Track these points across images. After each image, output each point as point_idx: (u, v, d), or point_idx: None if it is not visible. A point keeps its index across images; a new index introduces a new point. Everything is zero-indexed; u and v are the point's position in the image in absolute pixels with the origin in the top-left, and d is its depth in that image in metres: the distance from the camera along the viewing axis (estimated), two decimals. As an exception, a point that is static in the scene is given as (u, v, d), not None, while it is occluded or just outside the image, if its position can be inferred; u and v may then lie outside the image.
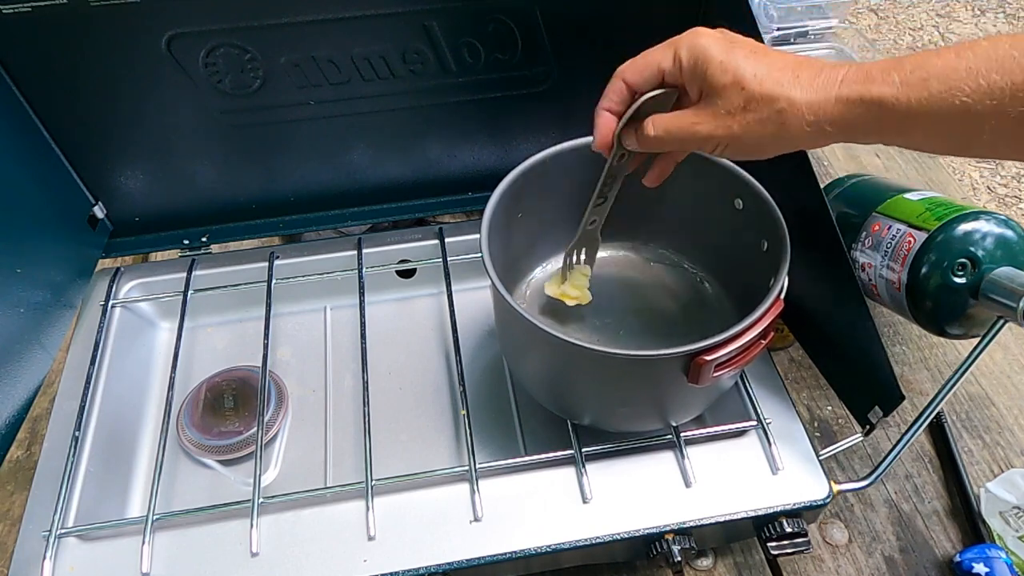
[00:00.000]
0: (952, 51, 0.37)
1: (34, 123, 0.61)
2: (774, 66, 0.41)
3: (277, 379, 0.66)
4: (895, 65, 0.38)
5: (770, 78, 0.40)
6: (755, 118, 0.41)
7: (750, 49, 0.42)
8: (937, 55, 0.37)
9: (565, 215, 0.63)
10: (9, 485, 0.64)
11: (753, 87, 0.41)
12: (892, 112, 0.38)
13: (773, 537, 0.52)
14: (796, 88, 0.40)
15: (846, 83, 0.39)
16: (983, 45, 0.36)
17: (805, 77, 0.40)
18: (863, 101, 0.38)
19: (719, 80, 0.42)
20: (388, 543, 0.51)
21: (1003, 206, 1.84)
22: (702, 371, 0.46)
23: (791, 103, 0.40)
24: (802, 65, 0.41)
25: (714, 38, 0.43)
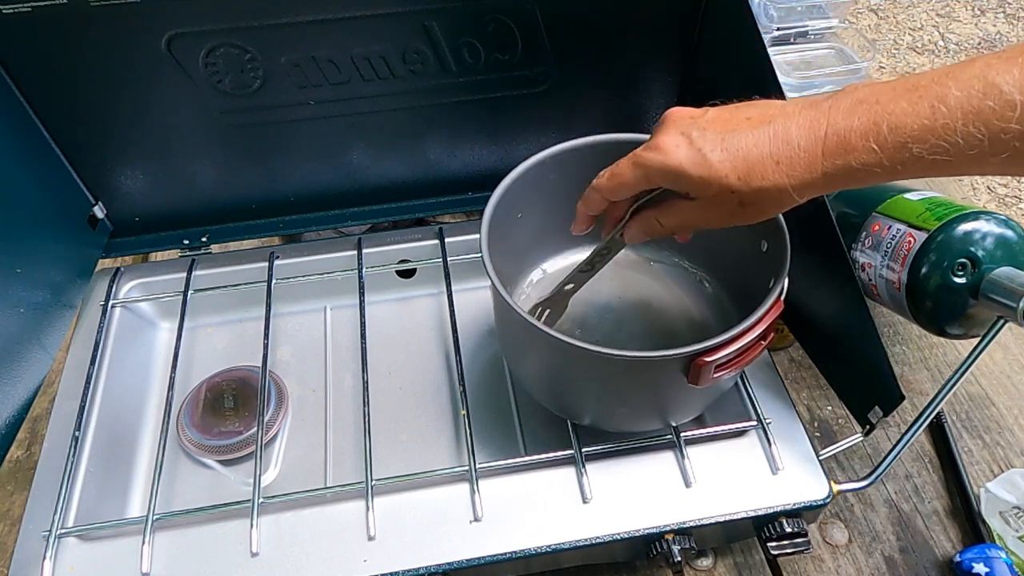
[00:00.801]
0: (927, 103, 0.36)
1: (34, 123, 0.61)
2: (751, 155, 0.40)
3: (277, 379, 0.66)
4: (871, 128, 0.37)
5: (754, 174, 0.40)
6: (754, 209, 0.42)
7: (718, 137, 0.41)
8: (912, 109, 0.36)
9: (565, 215, 0.63)
10: (9, 485, 0.64)
11: (742, 189, 0.41)
12: (878, 174, 0.38)
13: (773, 537, 0.52)
14: (781, 175, 0.40)
15: (828, 158, 0.38)
16: (953, 94, 0.35)
17: (784, 161, 0.39)
18: (849, 171, 0.38)
19: (706, 193, 0.42)
20: (388, 543, 0.51)
21: (1003, 206, 1.84)
22: (702, 372, 0.46)
23: (781, 190, 0.40)
24: (777, 141, 0.40)
25: (680, 150, 0.42)
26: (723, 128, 0.41)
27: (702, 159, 0.41)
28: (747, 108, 0.42)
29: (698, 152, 0.41)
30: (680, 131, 0.42)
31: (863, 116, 0.37)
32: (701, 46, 0.67)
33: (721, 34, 0.64)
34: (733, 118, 0.41)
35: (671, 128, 0.43)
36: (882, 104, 0.37)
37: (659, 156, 0.42)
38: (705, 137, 0.41)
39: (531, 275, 0.66)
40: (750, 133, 0.40)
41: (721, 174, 0.41)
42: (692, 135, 0.42)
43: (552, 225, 0.63)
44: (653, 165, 0.43)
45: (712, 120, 0.42)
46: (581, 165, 0.59)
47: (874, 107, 0.37)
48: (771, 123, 0.40)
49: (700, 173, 0.41)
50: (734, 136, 0.41)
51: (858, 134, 0.37)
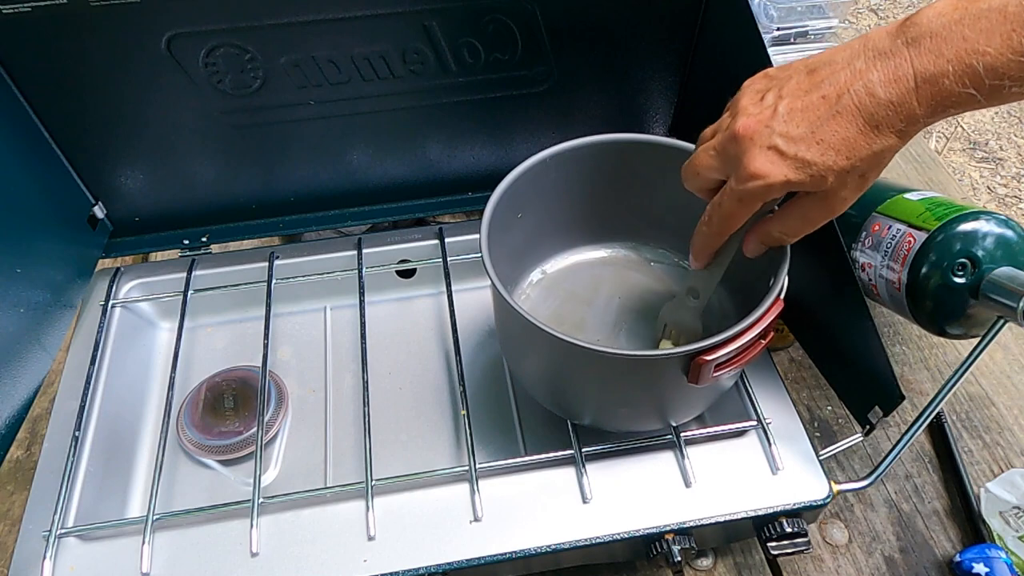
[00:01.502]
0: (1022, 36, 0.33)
1: (34, 123, 0.61)
2: (848, 135, 0.38)
3: (277, 379, 0.66)
4: (966, 70, 0.34)
5: (859, 147, 0.38)
6: (875, 172, 0.40)
7: (807, 133, 0.39)
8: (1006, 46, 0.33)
9: (565, 215, 0.63)
10: (9, 485, 0.64)
11: (857, 165, 0.39)
12: (978, 106, 0.36)
13: (773, 537, 0.52)
14: (884, 136, 0.38)
15: (924, 105, 0.36)
16: None
17: (883, 122, 0.37)
18: (947, 112, 0.36)
19: (824, 185, 0.40)
20: (388, 543, 0.51)
21: (1003, 206, 1.84)
22: (702, 371, 0.46)
23: (889, 147, 0.38)
24: (865, 108, 0.37)
25: (777, 167, 0.40)
26: (805, 121, 0.39)
27: (804, 164, 0.39)
28: (814, 84, 0.39)
29: (795, 159, 0.39)
30: (766, 146, 0.40)
31: (953, 57, 0.34)
32: (701, 46, 0.67)
33: (721, 34, 0.64)
34: (808, 104, 0.39)
35: (753, 148, 0.41)
36: (970, 42, 0.34)
37: (762, 183, 0.41)
38: (794, 141, 0.39)
39: (531, 275, 0.66)
40: (835, 113, 0.38)
41: (829, 165, 0.39)
42: (779, 145, 0.40)
43: (552, 225, 0.63)
44: (760, 193, 0.41)
45: (788, 118, 0.40)
46: (581, 165, 0.59)
47: (962, 45, 0.34)
48: (849, 91, 0.37)
49: (809, 174, 0.39)
50: (822, 125, 0.38)
51: (952, 78, 0.35)
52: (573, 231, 0.66)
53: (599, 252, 0.68)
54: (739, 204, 0.43)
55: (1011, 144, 2.00)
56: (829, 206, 0.42)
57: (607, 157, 0.59)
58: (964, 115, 2.05)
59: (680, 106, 0.73)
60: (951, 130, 2.02)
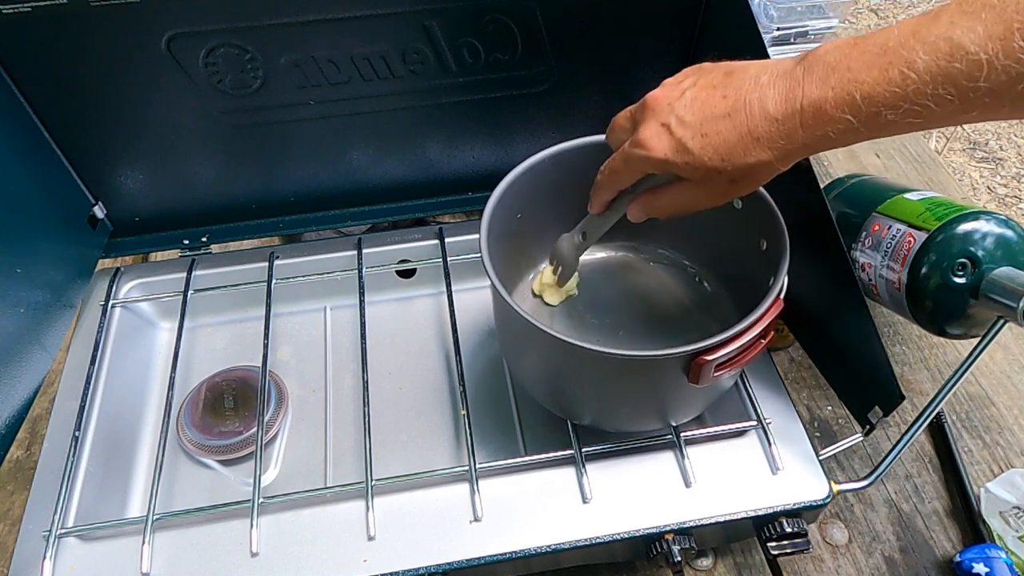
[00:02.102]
0: (896, 70, 0.35)
1: (34, 123, 0.61)
2: (730, 137, 0.41)
3: (277, 379, 0.66)
4: (845, 99, 0.37)
5: (735, 153, 0.41)
6: (744, 183, 0.44)
7: (697, 123, 0.42)
8: (883, 77, 0.36)
9: (565, 215, 0.63)
10: (9, 485, 0.64)
11: (727, 168, 0.42)
12: (854, 138, 0.39)
13: (773, 537, 0.52)
14: (763, 150, 0.40)
15: (806, 129, 0.39)
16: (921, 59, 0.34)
17: (764, 136, 0.40)
18: (827, 138, 0.39)
19: (695, 176, 0.44)
20: (388, 543, 0.51)
21: (1003, 206, 1.84)
22: (702, 371, 0.46)
23: (764, 164, 0.41)
24: (755, 118, 0.40)
25: (661, 142, 0.43)
26: (700, 112, 0.42)
27: (683, 148, 0.42)
28: (723, 84, 0.42)
29: (678, 142, 0.43)
30: (660, 121, 0.44)
31: (836, 86, 0.37)
32: (701, 46, 0.67)
33: (721, 34, 0.64)
34: (710, 99, 0.42)
35: (650, 119, 0.44)
36: (853, 72, 0.37)
37: (643, 151, 0.44)
38: (684, 126, 0.42)
39: (531, 275, 0.66)
40: (727, 114, 0.41)
41: (704, 159, 0.42)
42: (671, 125, 0.43)
43: (552, 225, 0.63)
44: (639, 160, 0.45)
45: (689, 104, 0.43)
46: (581, 165, 0.59)
47: (845, 75, 0.37)
48: (746, 100, 0.40)
49: (684, 160, 0.43)
50: (712, 121, 0.41)
51: (833, 105, 0.37)
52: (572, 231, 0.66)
53: (599, 252, 0.68)
54: (624, 165, 0.47)
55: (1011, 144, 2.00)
56: (697, 198, 0.46)
57: (607, 157, 0.59)
58: (964, 115, 2.05)
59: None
60: (951, 130, 2.02)
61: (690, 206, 0.47)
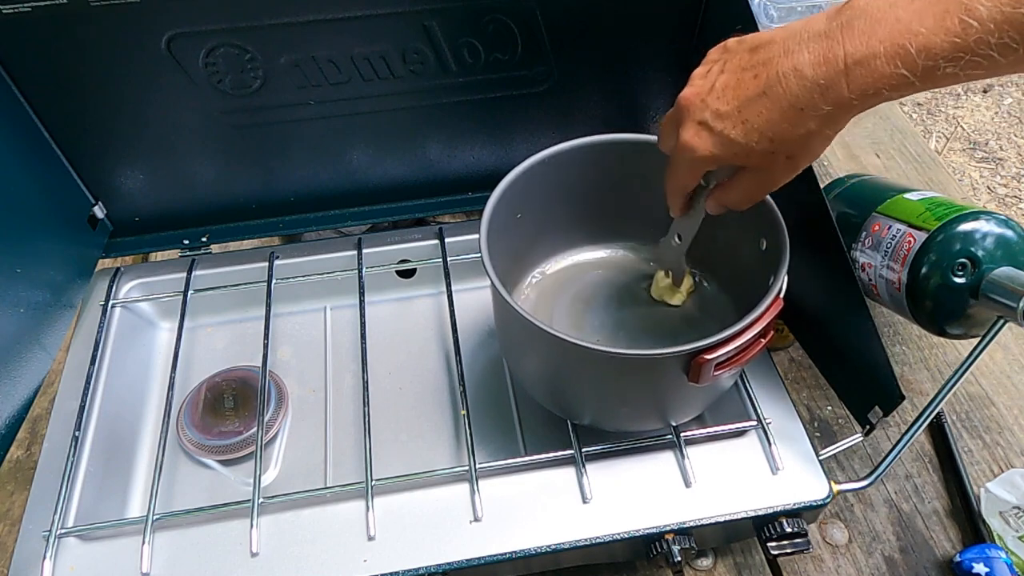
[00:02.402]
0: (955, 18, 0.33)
1: (34, 123, 0.61)
2: (772, 116, 0.39)
3: (277, 379, 0.66)
4: (897, 51, 0.34)
5: (782, 130, 0.39)
6: (802, 155, 0.41)
7: (734, 111, 0.40)
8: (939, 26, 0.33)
9: (565, 215, 0.63)
10: (9, 485, 0.64)
11: (779, 147, 0.40)
12: (907, 92, 0.36)
13: (773, 537, 0.52)
14: (809, 120, 0.38)
15: (854, 89, 0.36)
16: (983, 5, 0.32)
17: (808, 105, 0.37)
18: (878, 95, 0.36)
19: (749, 162, 0.43)
20: (388, 543, 0.51)
21: (1003, 206, 1.84)
22: (702, 370, 0.46)
23: (813, 132, 0.39)
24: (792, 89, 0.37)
25: (703, 141, 0.42)
26: (734, 99, 0.40)
27: (727, 140, 0.41)
28: (751, 63, 0.40)
29: (720, 136, 0.42)
30: (697, 120, 0.43)
31: (885, 39, 0.34)
32: (701, 46, 0.67)
33: (721, 34, 0.63)
34: (741, 82, 0.40)
35: (687, 119, 0.43)
36: (904, 23, 0.34)
37: (689, 155, 0.44)
38: (721, 118, 0.41)
39: (531, 275, 0.66)
40: (763, 93, 0.39)
41: (751, 144, 0.40)
42: (708, 121, 0.42)
43: (552, 225, 0.63)
44: (689, 164, 0.44)
45: (722, 94, 0.41)
46: (581, 165, 0.59)
47: (895, 27, 0.34)
48: (779, 72, 0.38)
49: (732, 151, 0.42)
50: (749, 105, 0.40)
51: (884, 59, 0.34)
52: (572, 231, 0.66)
53: (599, 252, 0.68)
54: (680, 169, 0.46)
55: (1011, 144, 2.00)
56: (763, 182, 0.44)
57: (607, 157, 0.59)
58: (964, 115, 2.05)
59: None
60: (951, 130, 2.02)
61: (761, 191, 0.46)
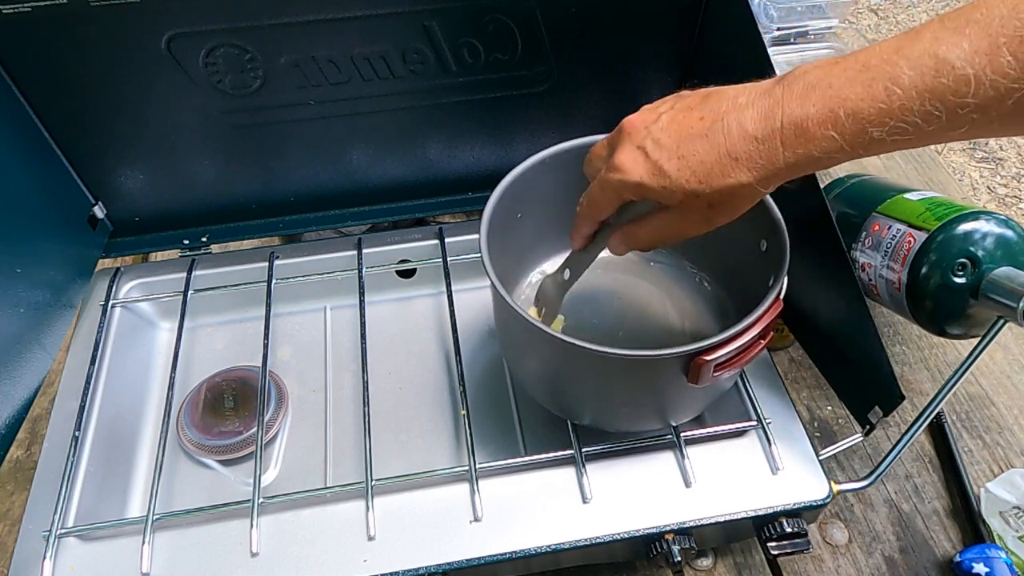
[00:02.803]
0: (880, 85, 0.35)
1: (34, 123, 0.61)
2: (708, 158, 0.40)
3: (277, 379, 0.66)
4: (828, 115, 0.36)
5: (713, 175, 0.40)
6: (724, 208, 0.42)
7: (673, 145, 0.41)
8: (867, 93, 0.35)
9: (565, 215, 0.63)
10: (9, 485, 0.64)
11: (705, 191, 0.41)
12: (839, 158, 0.38)
13: (773, 537, 0.52)
14: (742, 171, 0.39)
15: (788, 148, 0.38)
16: (907, 75, 0.34)
17: (743, 156, 0.39)
18: (811, 158, 0.38)
19: (672, 201, 0.42)
20: (388, 543, 0.51)
21: (1003, 206, 1.84)
22: (702, 371, 0.46)
23: (744, 186, 0.40)
24: (732, 137, 0.39)
25: (637, 166, 0.42)
26: (677, 134, 0.41)
27: (659, 171, 0.41)
28: (700, 106, 0.41)
29: (654, 164, 0.42)
30: (636, 145, 0.43)
31: (818, 102, 0.36)
32: (701, 46, 0.67)
33: (721, 34, 0.64)
34: (686, 121, 0.41)
35: (626, 143, 0.44)
36: (835, 89, 0.36)
37: (619, 176, 0.43)
38: (660, 148, 0.42)
39: (531, 275, 0.66)
40: (704, 135, 0.40)
41: (681, 181, 0.41)
42: (647, 147, 0.42)
43: (552, 225, 0.63)
44: (616, 185, 0.44)
45: (665, 127, 0.42)
46: (581, 165, 0.59)
47: (827, 92, 0.36)
48: (723, 120, 0.39)
49: (661, 184, 0.42)
50: (688, 142, 0.41)
51: (815, 122, 0.36)
52: (573, 231, 0.66)
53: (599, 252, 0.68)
54: (602, 192, 0.46)
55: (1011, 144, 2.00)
56: (679, 225, 0.44)
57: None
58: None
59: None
60: (951, 130, 2.02)
61: (671, 235, 0.46)
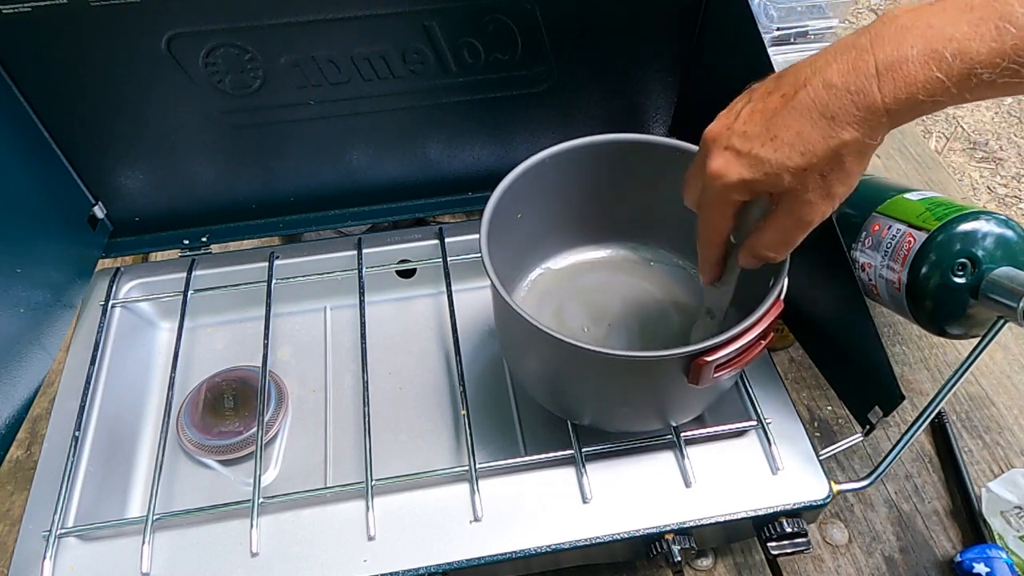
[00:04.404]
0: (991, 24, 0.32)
1: (34, 123, 0.61)
2: (803, 128, 0.37)
3: (277, 379, 0.66)
4: (931, 55, 0.33)
5: (814, 141, 0.37)
6: (839, 177, 0.39)
7: (762, 130, 0.38)
8: (974, 32, 0.32)
9: (565, 215, 0.63)
10: (9, 485, 0.64)
11: (811, 161, 0.37)
12: (945, 102, 0.35)
13: (773, 537, 0.52)
14: (841, 129, 0.36)
15: (887, 94, 0.35)
16: (1020, 11, 0.32)
17: (840, 114, 0.36)
18: (915, 103, 0.35)
19: (781, 186, 0.39)
20: (388, 543, 0.51)
21: (1003, 206, 1.84)
22: (703, 372, 0.46)
23: (846, 143, 0.37)
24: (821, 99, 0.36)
25: (732, 165, 0.40)
26: (762, 119, 0.39)
27: (758, 161, 0.39)
28: (776, 87, 0.39)
29: (749, 155, 0.39)
30: (723, 147, 0.41)
31: (917, 43, 0.34)
32: (701, 46, 0.67)
33: (721, 34, 0.64)
34: (768, 104, 0.39)
35: (714, 150, 0.42)
36: (936, 28, 0.33)
37: (720, 183, 0.41)
38: (749, 139, 0.39)
39: (531, 275, 0.66)
40: (791, 107, 0.37)
41: (783, 160, 0.38)
42: (735, 144, 0.40)
43: (552, 225, 0.63)
44: (720, 193, 0.42)
45: (747, 118, 0.40)
46: (581, 165, 0.59)
47: (927, 32, 0.33)
48: (807, 86, 0.37)
49: (763, 171, 0.39)
50: (776, 121, 0.38)
51: (917, 63, 0.34)
52: (573, 231, 0.66)
53: (599, 252, 0.68)
54: (710, 208, 0.44)
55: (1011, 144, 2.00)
56: (800, 212, 0.41)
57: (607, 157, 0.59)
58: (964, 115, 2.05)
59: (680, 106, 0.73)
60: (951, 130, 2.02)
61: (797, 226, 0.42)
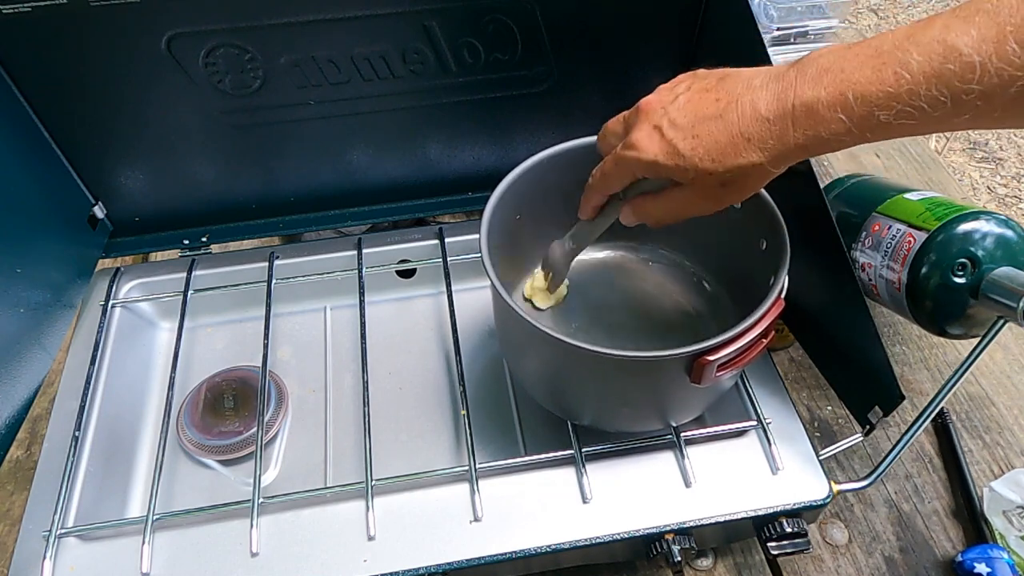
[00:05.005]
0: (890, 70, 0.36)
1: (34, 123, 0.61)
2: (721, 138, 0.41)
3: (277, 379, 0.66)
4: (838, 98, 0.37)
5: (726, 154, 0.41)
6: (736, 187, 0.44)
7: (689, 125, 0.42)
8: (876, 77, 0.36)
9: (565, 215, 0.63)
10: (9, 485, 0.64)
11: (717, 170, 0.42)
12: (847, 141, 0.39)
13: (773, 537, 0.52)
14: (753, 151, 0.40)
15: (798, 129, 0.39)
16: (915, 60, 0.35)
17: (755, 137, 0.40)
18: (819, 140, 0.39)
19: (685, 179, 0.44)
20: (388, 543, 0.51)
21: (1003, 206, 1.84)
22: (704, 371, 0.46)
23: (755, 165, 0.41)
24: (746, 118, 0.40)
25: (653, 144, 0.44)
26: (692, 114, 0.42)
27: (674, 150, 0.43)
28: (716, 87, 0.42)
29: (669, 144, 0.43)
30: (653, 124, 0.44)
31: (829, 86, 0.37)
32: (701, 46, 0.67)
33: (721, 34, 0.64)
34: (703, 102, 0.42)
35: (643, 122, 0.45)
36: (847, 72, 0.37)
37: (634, 153, 0.45)
38: (676, 128, 0.43)
39: (531, 275, 0.66)
40: (719, 115, 0.41)
41: (695, 160, 0.42)
42: (663, 127, 0.43)
43: (552, 225, 0.63)
44: (630, 162, 0.45)
45: (682, 107, 0.43)
46: (581, 165, 0.59)
47: (839, 76, 0.37)
48: (738, 101, 0.41)
49: (675, 162, 0.43)
50: (703, 122, 0.42)
51: (825, 104, 0.38)
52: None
53: (598, 252, 0.68)
54: (615, 167, 0.47)
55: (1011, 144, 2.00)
56: (690, 203, 0.46)
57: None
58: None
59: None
60: (951, 130, 2.02)
61: (682, 212, 0.47)
